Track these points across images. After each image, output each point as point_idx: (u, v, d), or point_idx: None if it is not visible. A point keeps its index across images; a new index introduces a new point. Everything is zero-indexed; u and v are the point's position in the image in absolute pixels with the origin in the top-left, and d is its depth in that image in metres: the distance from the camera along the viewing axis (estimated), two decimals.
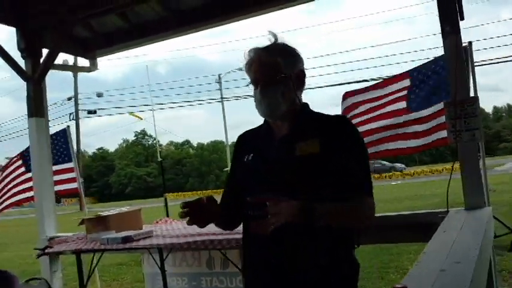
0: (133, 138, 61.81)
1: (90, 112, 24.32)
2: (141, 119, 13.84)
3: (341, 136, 1.61)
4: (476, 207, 3.37)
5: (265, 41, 1.72)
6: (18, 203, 6.05)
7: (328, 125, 1.65)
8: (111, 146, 64.91)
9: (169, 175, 55.22)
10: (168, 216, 7.76)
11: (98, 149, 64.63)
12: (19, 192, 5.99)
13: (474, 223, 3.05)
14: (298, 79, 1.70)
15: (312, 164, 1.56)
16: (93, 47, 6.25)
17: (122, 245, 3.39)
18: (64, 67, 6.27)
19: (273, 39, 1.72)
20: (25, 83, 5.51)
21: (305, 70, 1.73)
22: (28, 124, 5.53)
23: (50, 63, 5.50)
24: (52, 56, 5.46)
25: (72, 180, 6.30)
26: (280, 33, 1.74)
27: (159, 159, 7.57)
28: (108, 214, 4.09)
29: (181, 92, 62.43)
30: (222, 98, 31.27)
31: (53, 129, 6.50)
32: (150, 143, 61.34)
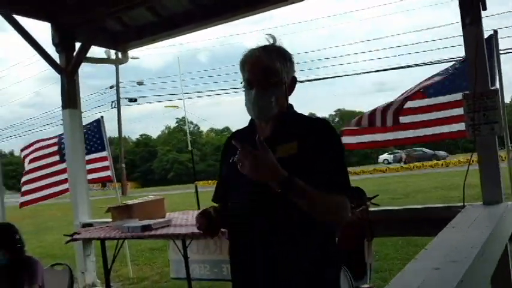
0: (175, 124, 63.01)
1: (131, 100, 25.10)
2: (177, 107, 14.01)
3: (317, 138, 1.63)
4: (494, 203, 3.31)
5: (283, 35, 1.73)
6: (54, 195, 6.35)
7: (307, 127, 1.68)
8: (154, 133, 66.15)
9: (210, 161, 55.86)
10: (198, 203, 7.99)
11: (141, 135, 66.38)
12: (55, 184, 6.27)
13: (487, 219, 3.00)
14: (291, 85, 1.73)
15: (291, 165, 1.57)
16: (124, 40, 6.45)
17: (141, 233, 3.55)
18: (96, 60, 6.49)
19: (271, 41, 1.72)
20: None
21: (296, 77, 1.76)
22: (62, 115, 5.81)
23: (82, 57, 5.72)
24: (84, 49, 5.68)
25: (106, 168, 6.56)
26: (279, 36, 1.76)
27: (189, 148, 7.70)
28: (132, 203, 4.28)
29: (219, 80, 62.73)
30: None
31: (95, 117, 6.80)
32: (191, 129, 62.42)
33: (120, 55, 6.74)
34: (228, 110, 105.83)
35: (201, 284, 4.86)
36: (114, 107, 24.68)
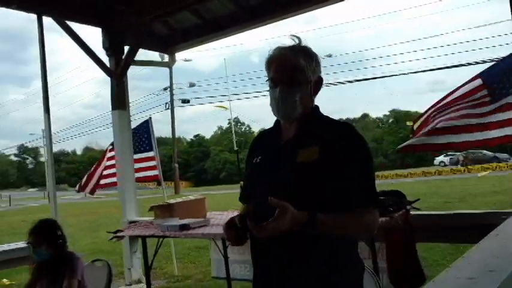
0: (227, 125, 63.75)
1: (183, 101, 25.68)
2: (226, 108, 14.21)
3: (342, 144, 1.57)
4: None
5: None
6: (103, 186, 6.63)
7: (331, 132, 1.62)
8: (207, 133, 67.33)
9: None
10: None
11: (195, 136, 67.67)
12: (107, 176, 6.55)
13: None
14: (317, 85, 1.69)
15: (311, 171, 1.55)
16: (171, 43, 6.61)
17: (179, 232, 3.61)
18: (143, 62, 6.69)
19: (297, 41, 1.70)
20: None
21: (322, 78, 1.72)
22: (112, 116, 6.03)
23: (130, 60, 5.92)
24: (132, 52, 5.88)
25: (153, 167, 6.75)
26: (303, 37, 1.74)
27: (235, 148, 7.77)
28: (173, 202, 4.36)
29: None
30: None
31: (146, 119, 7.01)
32: (242, 130, 62.84)
33: (167, 58, 6.89)
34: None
35: (242, 284, 4.88)
36: (168, 108, 25.39)
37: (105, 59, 5.96)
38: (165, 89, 26.01)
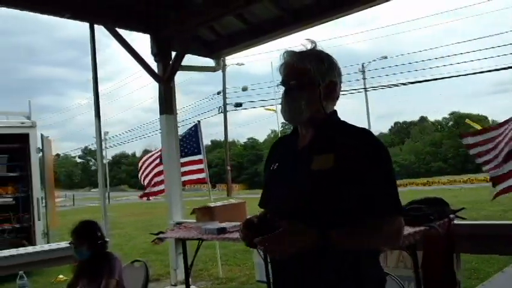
0: (280, 129, 63.83)
1: (236, 105, 25.94)
2: (275, 111, 14.29)
3: (358, 152, 1.50)
4: None
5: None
6: (154, 194, 6.82)
7: (347, 138, 1.56)
8: (261, 137, 67.71)
9: None
10: None
11: (249, 139, 68.23)
12: (156, 184, 6.74)
13: None
14: (328, 89, 1.63)
15: (326, 178, 1.50)
16: (217, 48, 6.71)
17: (217, 236, 3.65)
18: (190, 68, 6.82)
19: (309, 46, 1.67)
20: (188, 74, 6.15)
21: (338, 81, 1.66)
22: (159, 120, 6.20)
23: (177, 65, 6.06)
24: (179, 58, 6.02)
25: (201, 171, 6.88)
26: (318, 41, 1.70)
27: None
28: (214, 205, 4.42)
29: None
30: (365, 87, 30.48)
31: (202, 122, 7.20)
32: None
33: (214, 63, 6.98)
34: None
35: None
36: (221, 112, 25.77)
37: (153, 65, 6.15)
38: (218, 93, 26.49)
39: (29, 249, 5.45)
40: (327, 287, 1.52)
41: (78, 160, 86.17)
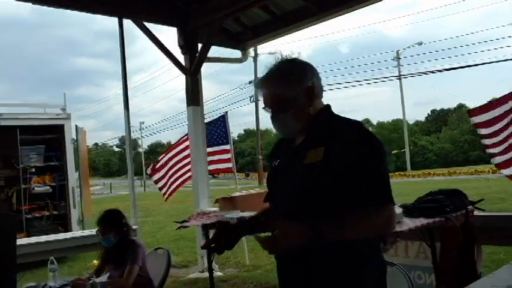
0: None
1: None
2: None
3: (346, 143, 1.54)
4: None
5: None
6: (184, 182, 7.01)
7: (337, 131, 1.61)
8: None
9: None
10: None
11: None
12: (186, 172, 6.91)
13: None
14: (308, 95, 1.65)
15: (316, 172, 1.54)
16: (243, 39, 6.78)
17: None
18: (215, 59, 6.91)
19: (273, 62, 1.71)
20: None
21: (314, 79, 1.67)
22: (187, 112, 6.34)
23: (204, 57, 6.17)
24: (205, 50, 6.12)
25: (228, 160, 7.00)
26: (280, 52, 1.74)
27: None
28: (236, 195, 4.52)
29: (359, 70, 60.70)
30: (399, 75, 29.85)
31: (235, 111, 7.33)
32: None
33: (240, 54, 7.05)
34: (368, 102, 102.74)
35: None
36: (253, 101, 25.90)
37: (181, 57, 6.28)
38: (250, 82, 26.58)
39: (67, 235, 5.70)
40: (326, 279, 1.58)
41: (116, 149, 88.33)
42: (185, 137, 6.90)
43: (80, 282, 2.88)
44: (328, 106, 1.74)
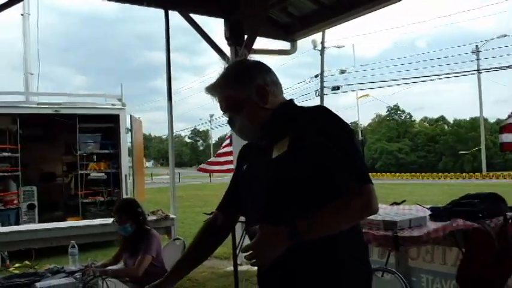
0: (386, 113, 61.39)
1: (334, 89, 25.40)
2: (368, 95, 13.77)
3: (310, 128, 1.44)
4: None
5: None
6: (225, 171, 7.04)
7: (299, 120, 1.50)
8: (365, 120, 65.67)
9: (421, 153, 52.93)
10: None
11: (352, 123, 66.64)
12: (227, 162, 6.94)
13: None
14: (258, 94, 1.56)
15: (284, 163, 1.45)
16: (291, 30, 6.61)
17: None
18: (264, 51, 6.79)
19: (222, 67, 1.63)
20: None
21: (264, 76, 1.58)
22: None
23: (249, 48, 6.07)
24: (251, 41, 6.03)
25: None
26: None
27: (360, 137, 7.47)
28: None
29: (435, 64, 57.46)
30: (478, 69, 27.95)
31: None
32: (402, 118, 59.83)
33: (289, 45, 6.89)
34: (445, 98, 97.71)
35: None
36: (319, 96, 25.47)
37: (226, 49, 6.25)
38: (316, 76, 26.18)
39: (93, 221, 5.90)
40: (307, 283, 1.46)
41: (188, 140, 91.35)
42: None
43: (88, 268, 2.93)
44: (290, 100, 1.63)
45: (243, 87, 1.56)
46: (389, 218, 2.70)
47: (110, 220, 5.58)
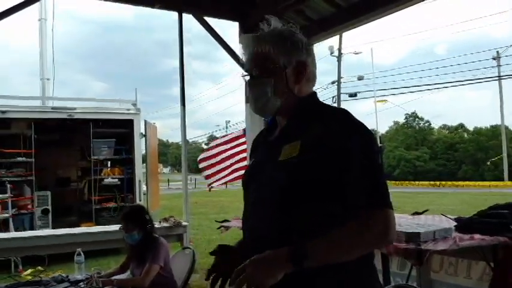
0: (404, 120, 60.63)
1: (351, 95, 25.07)
2: (386, 101, 13.54)
3: (328, 134, 1.26)
4: None
5: None
6: (235, 179, 6.86)
7: (318, 121, 1.31)
8: (383, 128, 64.91)
9: (441, 161, 52.10)
10: None
11: None
12: (238, 169, 6.76)
13: None
14: (297, 70, 1.40)
15: (290, 170, 1.27)
16: (308, 33, 6.41)
17: None
18: None
19: (273, 24, 1.49)
20: None
21: (309, 60, 1.42)
22: (245, 109, 6.16)
23: None
24: None
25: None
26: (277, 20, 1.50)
27: (379, 144, 7.26)
28: None
29: (454, 70, 56.50)
30: (499, 76, 27.38)
31: None
32: (420, 125, 59.00)
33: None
34: (464, 106, 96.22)
35: None
36: (335, 102, 25.16)
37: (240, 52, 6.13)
38: (333, 82, 25.91)
39: (97, 228, 5.76)
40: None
41: (204, 146, 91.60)
42: (241, 134, 6.77)
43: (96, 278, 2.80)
44: (314, 93, 1.46)
45: (286, 54, 1.40)
46: (411, 229, 2.51)
47: (87, 229, 5.54)
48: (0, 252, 4.98)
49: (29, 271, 6.42)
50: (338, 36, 22.01)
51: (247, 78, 1.45)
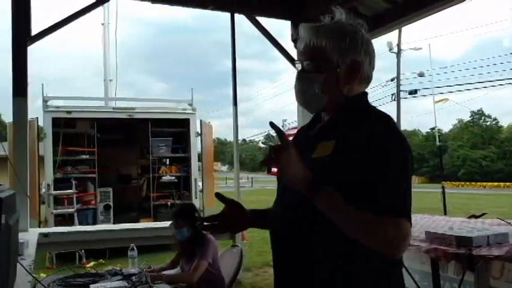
0: (469, 118, 57.86)
1: (411, 92, 24.15)
2: (447, 100, 12.92)
3: (363, 137, 1.23)
4: None
5: None
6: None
7: (356, 123, 1.28)
8: (446, 126, 62.30)
9: (510, 160, 49.34)
10: (445, 208, 7.15)
11: (431, 128, 63.54)
12: None
13: None
14: (350, 70, 1.35)
15: (319, 170, 1.24)
16: None
17: None
18: None
19: (338, 16, 1.43)
20: None
21: (366, 60, 1.36)
22: (297, 108, 6.13)
23: None
24: None
25: None
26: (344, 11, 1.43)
27: (437, 143, 7.02)
28: None
29: None
30: None
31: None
32: (487, 124, 56.08)
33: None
34: None
35: None
36: (394, 100, 24.40)
37: (294, 52, 6.11)
38: (392, 79, 25.12)
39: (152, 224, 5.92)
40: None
41: (261, 145, 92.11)
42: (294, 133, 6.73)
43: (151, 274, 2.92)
44: (365, 93, 1.42)
45: (342, 51, 1.35)
46: (463, 233, 2.40)
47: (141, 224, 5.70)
48: (66, 245, 5.29)
49: (91, 263, 6.77)
50: (397, 32, 21.29)
51: (299, 67, 1.42)
